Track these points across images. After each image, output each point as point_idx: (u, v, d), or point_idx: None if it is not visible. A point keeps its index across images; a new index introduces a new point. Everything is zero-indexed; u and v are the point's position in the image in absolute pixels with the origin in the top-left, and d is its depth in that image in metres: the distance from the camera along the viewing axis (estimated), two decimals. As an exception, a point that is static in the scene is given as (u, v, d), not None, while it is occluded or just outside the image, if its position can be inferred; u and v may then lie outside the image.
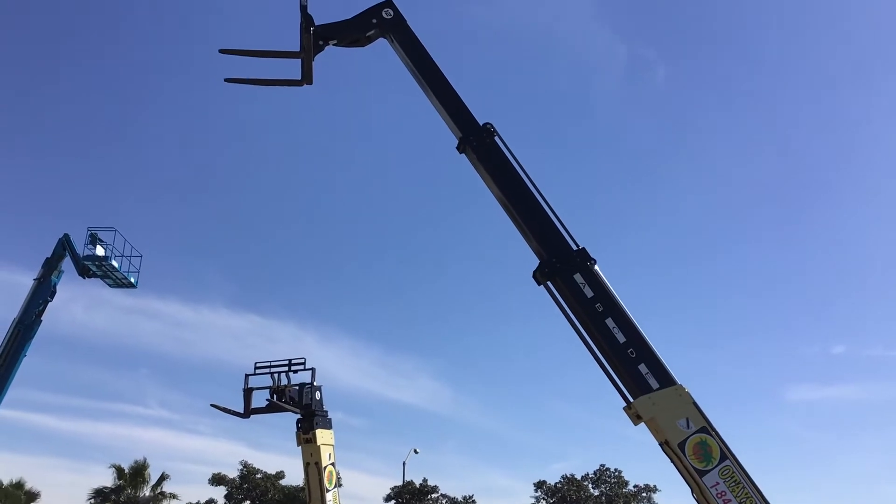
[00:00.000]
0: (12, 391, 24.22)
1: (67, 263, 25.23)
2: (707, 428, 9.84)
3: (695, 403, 9.96)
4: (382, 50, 13.14)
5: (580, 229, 11.17)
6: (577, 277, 10.84)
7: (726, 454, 9.73)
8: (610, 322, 10.52)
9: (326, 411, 19.52)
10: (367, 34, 13.02)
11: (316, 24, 12.83)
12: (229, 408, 19.08)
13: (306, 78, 13.20)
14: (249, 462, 47.39)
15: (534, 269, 11.23)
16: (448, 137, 12.51)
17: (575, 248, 11.09)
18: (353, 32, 13.08)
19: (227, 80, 13.34)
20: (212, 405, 19.18)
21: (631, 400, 10.23)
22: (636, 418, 10.20)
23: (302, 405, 18.99)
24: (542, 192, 11.58)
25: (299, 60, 13.10)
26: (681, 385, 10.08)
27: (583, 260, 10.95)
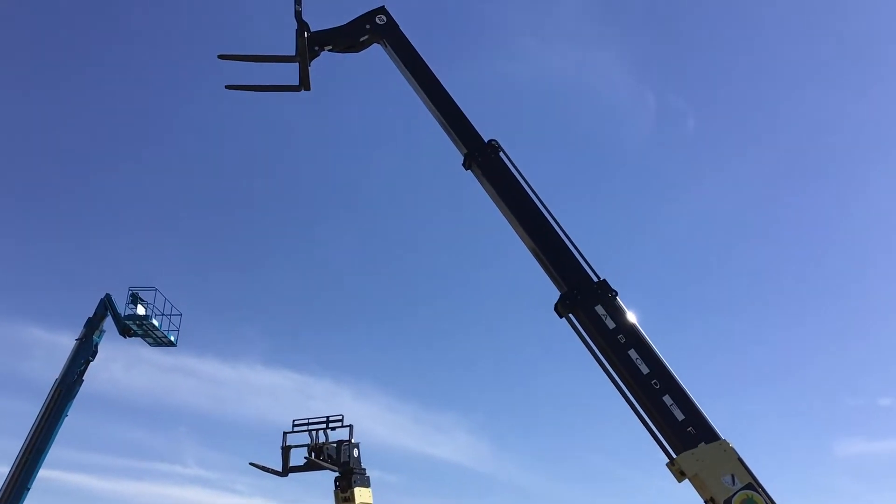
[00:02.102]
0: (53, 450, 24.45)
1: (109, 323, 25.58)
2: (753, 484, 9.61)
3: (740, 459, 9.75)
4: (390, 63, 13.23)
5: (611, 279, 10.99)
6: (599, 309, 10.66)
7: (774, 511, 9.51)
8: (633, 353, 10.32)
9: (364, 469, 19.36)
10: (361, 39, 13.21)
11: (311, 30, 13.14)
12: (268, 466, 19.02)
13: (303, 83, 13.49)
14: (286, 521, 47.01)
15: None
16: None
17: (595, 279, 10.94)
18: (347, 38, 13.28)
19: (227, 86, 13.87)
20: (251, 464, 19.14)
21: (674, 456, 10.04)
22: (680, 475, 9.96)
23: (340, 463, 18.87)
24: (553, 214, 11.42)
25: (298, 70, 13.39)
26: (725, 440, 9.90)
27: (604, 291, 10.78)
